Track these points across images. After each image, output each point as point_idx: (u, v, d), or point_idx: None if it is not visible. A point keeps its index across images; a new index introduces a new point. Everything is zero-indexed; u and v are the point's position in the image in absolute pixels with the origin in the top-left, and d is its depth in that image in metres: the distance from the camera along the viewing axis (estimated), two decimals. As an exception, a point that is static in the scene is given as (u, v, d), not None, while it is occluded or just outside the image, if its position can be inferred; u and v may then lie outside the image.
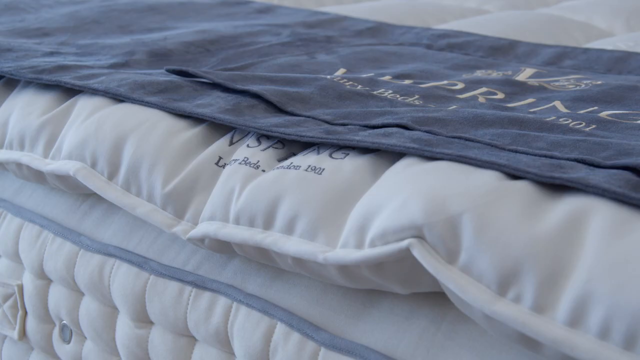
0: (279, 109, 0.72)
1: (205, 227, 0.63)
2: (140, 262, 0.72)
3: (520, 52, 1.00)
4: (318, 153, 0.62)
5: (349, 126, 0.66)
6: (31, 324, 0.83)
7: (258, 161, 0.64)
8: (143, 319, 0.72)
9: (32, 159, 0.77)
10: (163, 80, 0.78)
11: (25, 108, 0.81)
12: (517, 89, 0.78)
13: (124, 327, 0.73)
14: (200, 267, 0.69)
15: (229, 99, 0.73)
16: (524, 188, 0.51)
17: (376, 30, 1.13)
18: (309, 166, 0.60)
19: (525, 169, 0.52)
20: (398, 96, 0.74)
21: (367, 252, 0.53)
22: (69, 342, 0.80)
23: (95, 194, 0.79)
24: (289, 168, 0.61)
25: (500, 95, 0.76)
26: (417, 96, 0.74)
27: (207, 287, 0.67)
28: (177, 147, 0.68)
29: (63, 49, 0.97)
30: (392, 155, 0.60)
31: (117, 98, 0.76)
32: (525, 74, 0.85)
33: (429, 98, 0.74)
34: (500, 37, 1.06)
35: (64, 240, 0.78)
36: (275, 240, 0.58)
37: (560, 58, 0.96)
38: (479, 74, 0.86)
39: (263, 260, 0.62)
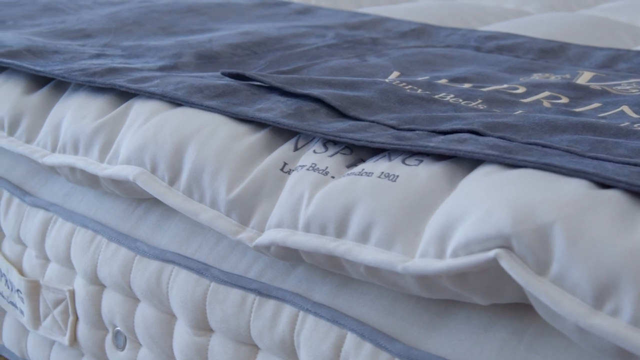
0: (340, 114, 0.71)
1: (273, 235, 0.61)
2: (200, 268, 0.70)
3: (572, 55, 0.98)
4: (390, 159, 0.61)
5: (417, 131, 0.64)
6: (82, 330, 0.82)
7: (327, 167, 0.62)
8: (203, 327, 0.71)
9: (88, 163, 0.76)
10: (220, 83, 0.76)
11: (78, 111, 0.79)
12: (581, 93, 0.77)
13: (182, 335, 0.72)
14: (263, 275, 0.68)
15: (289, 103, 0.72)
16: (614, 197, 0.50)
17: (420, 31, 1.11)
18: (382, 173, 0.59)
19: (616, 178, 0.51)
20: (461, 100, 0.73)
21: (450, 262, 0.52)
22: (122, 348, 0.78)
23: (149, 198, 0.78)
24: (361, 175, 0.60)
25: (564, 100, 0.74)
26: (480, 100, 0.73)
27: (271, 295, 0.66)
28: (240, 152, 0.67)
29: (108, 50, 0.96)
30: (468, 162, 0.59)
31: (175, 102, 0.75)
32: (584, 78, 0.83)
33: (492, 102, 0.73)
34: (548, 39, 1.05)
35: (118, 245, 0.77)
36: (349, 249, 0.57)
37: (614, 61, 0.95)
38: (536, 77, 0.85)
39: (332, 268, 0.61)
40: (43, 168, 0.83)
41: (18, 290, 0.86)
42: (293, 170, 0.65)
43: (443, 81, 0.82)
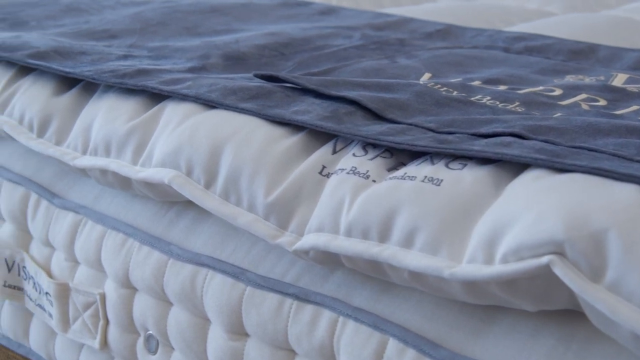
0: (377, 116, 0.70)
1: (313, 239, 0.61)
2: (236, 272, 0.70)
3: (602, 56, 0.97)
4: (432, 163, 0.60)
5: (457, 135, 0.64)
6: (113, 333, 0.81)
7: (367, 171, 0.62)
8: (238, 331, 0.70)
9: (121, 165, 0.75)
10: (253, 85, 0.76)
11: (110, 113, 0.79)
12: (618, 96, 0.76)
13: (216, 339, 0.72)
14: (301, 279, 0.67)
15: (325, 106, 0.71)
16: (668, 203, 0.49)
17: (446, 32, 1.11)
18: (426, 177, 0.58)
19: (670, 183, 0.50)
20: (498, 103, 0.72)
21: (500, 268, 0.51)
22: (155, 352, 0.78)
23: (181, 201, 0.77)
24: (404, 179, 0.59)
25: (602, 102, 0.74)
26: (517, 103, 0.72)
27: (309, 300, 0.65)
28: (278, 155, 0.66)
29: (135, 51, 0.96)
30: (513, 166, 0.58)
31: (208, 104, 0.74)
32: (619, 80, 0.82)
33: (530, 105, 0.72)
34: (576, 40, 1.04)
35: (151, 248, 0.77)
36: (393, 254, 0.56)
37: (646, 62, 0.94)
38: (570, 79, 0.84)
39: (373, 273, 0.60)
40: (73, 170, 0.82)
41: (47, 293, 0.86)
42: (332, 174, 0.64)
43: (476, 83, 0.81)
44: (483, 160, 0.59)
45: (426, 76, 0.85)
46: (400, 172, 0.60)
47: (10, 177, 0.92)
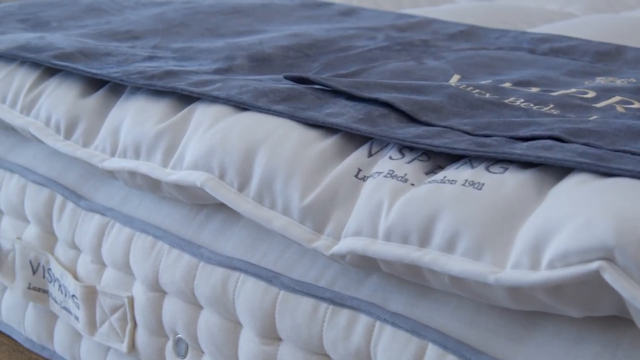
0: (410, 119, 0.69)
1: (351, 243, 0.60)
2: (269, 276, 0.69)
3: (630, 58, 0.96)
4: (472, 167, 0.59)
5: (494, 138, 0.63)
6: (142, 336, 0.81)
7: (405, 174, 0.61)
8: (271, 335, 0.69)
9: (151, 168, 0.74)
10: (284, 87, 0.75)
11: (138, 115, 0.78)
12: (652, 98, 0.75)
13: (248, 343, 0.71)
14: (335, 283, 0.66)
15: (358, 108, 0.70)
16: None
17: (469, 33, 1.10)
18: (466, 181, 0.57)
19: None
20: (532, 105, 0.72)
21: (547, 273, 0.50)
22: (184, 356, 0.77)
23: (210, 204, 0.77)
24: (444, 182, 0.58)
25: (637, 105, 0.73)
26: (551, 105, 0.72)
27: (345, 305, 0.65)
28: (312, 158, 0.66)
29: (159, 52, 0.95)
30: (556, 169, 0.57)
31: (239, 106, 0.73)
32: (651, 82, 0.82)
33: (565, 107, 0.71)
34: (601, 41, 1.03)
35: (181, 251, 0.76)
36: (435, 258, 0.56)
37: (675, 64, 0.93)
38: (601, 81, 0.83)
39: (411, 277, 0.60)
40: (100, 172, 0.82)
41: (73, 296, 0.85)
42: (368, 177, 0.63)
43: (507, 85, 0.80)
44: (524, 164, 0.58)
45: (455, 78, 0.84)
46: (440, 175, 0.60)
47: (35, 178, 0.92)
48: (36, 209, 0.91)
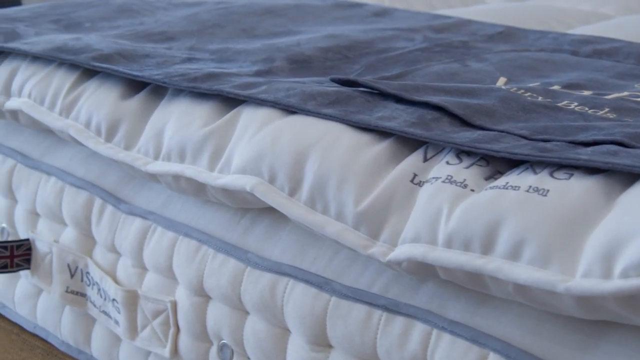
0: (464, 122, 0.68)
1: (410, 250, 0.59)
2: (320, 282, 0.68)
3: (675, 60, 0.95)
4: (535, 172, 0.58)
5: (554, 142, 0.62)
6: (185, 341, 0.80)
7: (464, 180, 0.60)
8: (321, 342, 0.68)
9: (198, 172, 0.73)
10: (332, 90, 0.74)
11: (183, 118, 0.77)
12: None
13: (297, 350, 0.70)
14: (389, 290, 0.65)
15: (410, 112, 0.69)
16: None
17: (507, 35, 1.09)
18: (530, 187, 0.56)
19: None
20: (587, 109, 0.70)
21: (621, 283, 0.49)
22: (229, 362, 0.76)
23: (255, 208, 0.76)
24: (506, 188, 0.57)
25: (693, 108, 0.71)
26: (607, 109, 0.70)
27: (400, 312, 0.63)
28: (366, 162, 0.65)
29: (196, 54, 0.94)
30: (623, 175, 0.56)
31: (288, 109, 0.72)
32: (703, 85, 0.80)
33: (620, 111, 0.70)
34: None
35: (227, 256, 0.75)
36: (499, 266, 0.54)
37: None
38: (651, 84, 0.82)
39: (471, 285, 0.58)
40: (141, 175, 0.81)
41: (114, 300, 0.84)
42: (425, 182, 0.62)
43: (556, 87, 0.79)
44: (589, 170, 0.57)
45: (502, 80, 0.83)
46: (501, 181, 0.58)
47: (73, 181, 0.91)
48: (74, 212, 0.90)
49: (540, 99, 0.73)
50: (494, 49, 0.99)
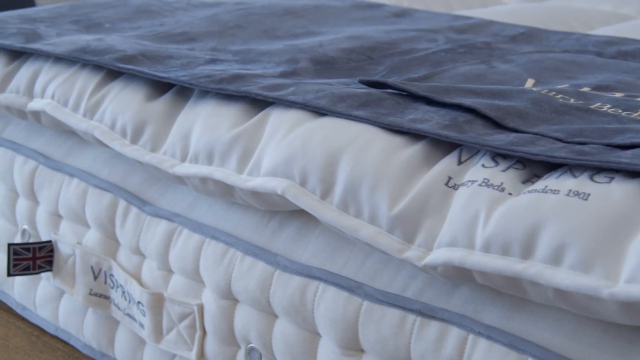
0: (496, 124, 0.67)
1: (446, 254, 0.58)
2: (351, 286, 0.67)
3: (700, 61, 0.94)
4: (574, 176, 0.57)
5: (591, 145, 0.61)
6: (211, 345, 0.79)
7: (501, 183, 0.59)
8: (353, 347, 0.68)
9: (227, 174, 0.73)
10: (361, 92, 0.73)
11: (210, 120, 0.77)
12: None
13: (328, 354, 0.69)
14: (423, 294, 0.64)
15: (441, 114, 0.69)
16: None
17: (530, 35, 1.08)
18: (570, 191, 0.56)
19: None
20: (620, 111, 0.70)
21: (668, 289, 0.48)
22: (257, 366, 0.76)
23: (283, 211, 0.75)
24: (545, 192, 0.56)
25: None
26: (640, 111, 0.70)
27: (435, 316, 0.63)
28: (399, 165, 0.64)
29: (220, 55, 0.94)
30: (665, 180, 0.55)
31: (317, 111, 0.72)
32: None
33: (655, 114, 0.69)
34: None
35: (255, 259, 0.74)
36: (540, 271, 0.54)
37: None
38: (681, 85, 0.81)
39: (509, 289, 0.58)
40: (167, 177, 0.80)
41: (139, 303, 0.84)
42: (460, 185, 0.61)
43: (586, 89, 0.78)
44: (631, 174, 0.56)
45: (530, 82, 0.82)
46: (540, 185, 0.58)
47: (97, 182, 0.90)
48: (98, 213, 0.90)
49: (572, 101, 0.72)
50: (518, 50, 0.98)
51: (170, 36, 1.03)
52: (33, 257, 0.94)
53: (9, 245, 0.93)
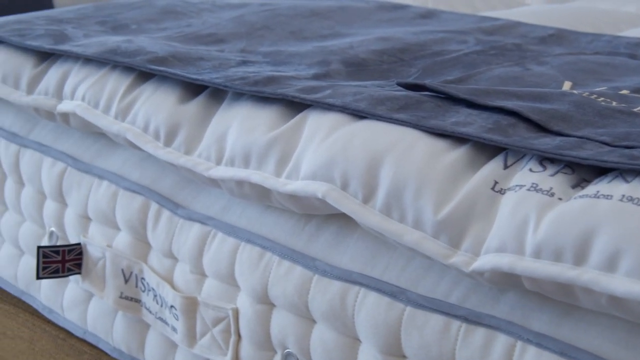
0: (540, 128, 0.67)
1: (495, 260, 0.58)
2: (393, 291, 0.67)
3: None
4: (626, 181, 0.56)
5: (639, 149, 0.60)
6: (247, 350, 0.78)
7: (551, 188, 0.58)
8: (395, 353, 0.67)
9: (264, 178, 0.72)
10: (400, 95, 0.73)
11: (246, 122, 0.76)
12: None
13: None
14: (467, 300, 0.64)
15: (483, 117, 0.68)
16: None
17: (559, 37, 1.07)
18: (623, 196, 0.55)
19: None
20: (665, 114, 0.69)
21: None
22: (294, 371, 0.75)
23: (321, 214, 0.74)
24: (598, 197, 0.55)
25: None
26: (685, 115, 0.69)
27: (481, 323, 0.62)
28: (444, 169, 0.63)
29: (250, 57, 0.93)
30: None
31: (356, 114, 0.71)
32: None
33: (699, 117, 0.68)
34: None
35: (293, 263, 0.74)
36: (594, 278, 0.53)
37: None
38: None
39: (559, 296, 0.57)
40: (201, 180, 0.79)
41: (172, 307, 0.83)
42: (507, 190, 0.61)
43: (625, 92, 0.77)
44: (685, 178, 0.55)
45: (567, 85, 0.82)
46: (591, 189, 0.57)
47: (127, 185, 0.90)
48: (129, 216, 0.89)
49: (614, 104, 0.71)
50: (549, 52, 0.97)
51: (198, 37, 1.03)
52: (62, 260, 0.93)
53: (39, 247, 0.92)
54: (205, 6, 1.22)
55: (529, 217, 0.57)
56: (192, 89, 0.85)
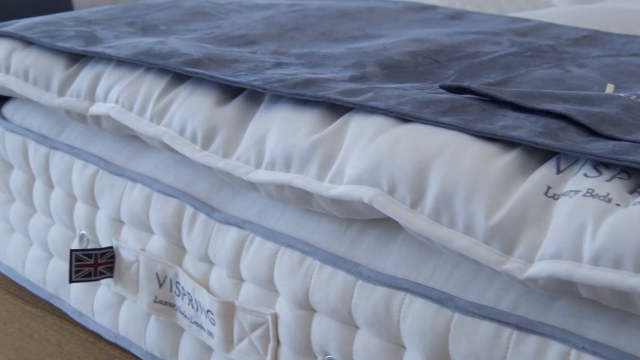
0: (590, 132, 0.65)
1: (552, 267, 0.56)
2: (441, 297, 0.66)
3: None
4: (686, 187, 0.55)
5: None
6: (286, 355, 0.77)
7: (608, 193, 0.57)
8: (442, 359, 0.66)
9: (307, 182, 0.71)
10: (445, 98, 0.72)
11: (286, 126, 0.75)
12: None
13: (415, 367, 0.68)
14: (518, 307, 0.63)
15: (532, 120, 0.67)
16: None
17: (593, 38, 1.06)
18: (684, 202, 0.54)
19: None
20: None
21: None
22: (335, 377, 0.74)
23: (362, 219, 0.73)
24: (658, 203, 0.54)
25: None
26: None
27: (533, 330, 0.61)
28: (495, 174, 0.62)
29: (283, 59, 0.92)
30: None
31: (401, 117, 0.70)
32: None
33: None
34: None
35: (335, 268, 0.73)
36: (657, 286, 0.52)
37: None
38: None
39: (617, 304, 0.56)
40: (240, 184, 0.79)
41: (208, 311, 0.82)
42: (561, 195, 0.60)
43: (670, 95, 0.76)
44: None
45: (610, 87, 0.80)
46: (651, 195, 0.56)
47: (162, 188, 0.89)
48: (163, 219, 0.88)
49: (662, 107, 0.70)
50: (586, 54, 0.96)
51: (230, 39, 1.02)
52: (95, 264, 0.93)
53: (71, 251, 0.91)
54: (233, 7, 1.21)
55: (586, 224, 0.56)
56: (228, 91, 0.84)
